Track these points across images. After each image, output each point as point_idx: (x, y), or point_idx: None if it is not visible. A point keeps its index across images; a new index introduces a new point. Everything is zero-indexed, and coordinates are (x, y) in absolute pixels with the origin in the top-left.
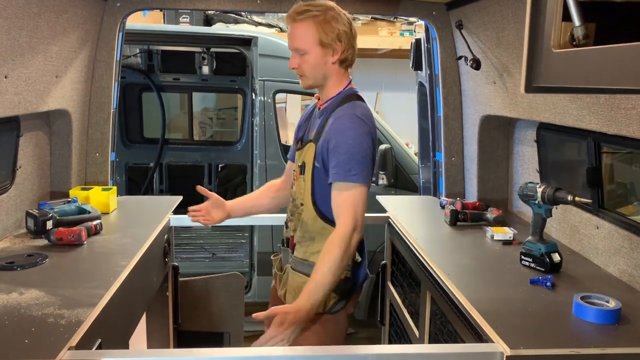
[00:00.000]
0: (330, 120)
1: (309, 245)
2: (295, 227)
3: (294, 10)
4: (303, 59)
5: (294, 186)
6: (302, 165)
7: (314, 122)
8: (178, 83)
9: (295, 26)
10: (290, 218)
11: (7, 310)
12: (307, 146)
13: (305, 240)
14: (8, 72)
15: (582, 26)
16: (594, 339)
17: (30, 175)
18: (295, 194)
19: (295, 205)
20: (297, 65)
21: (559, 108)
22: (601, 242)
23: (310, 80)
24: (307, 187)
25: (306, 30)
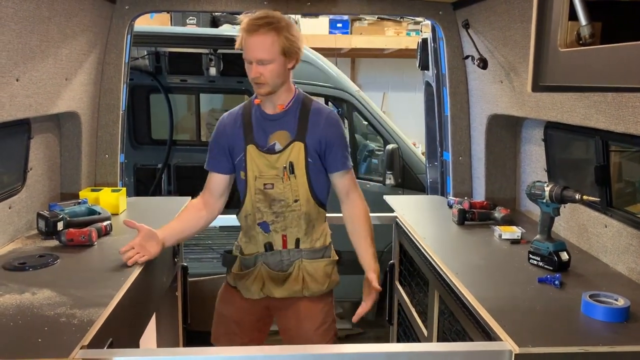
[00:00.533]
0: (313, 118)
1: (312, 233)
2: (286, 225)
3: (253, 23)
4: (266, 68)
5: (277, 187)
6: (290, 165)
7: (279, 124)
8: (185, 84)
9: (257, 38)
10: (274, 220)
11: (20, 310)
12: (291, 146)
13: (309, 231)
14: (19, 75)
15: (588, 25)
16: (603, 337)
17: (41, 177)
18: (284, 194)
19: (284, 204)
20: (260, 74)
21: (566, 107)
22: (609, 241)
23: (270, 87)
24: (301, 183)
25: (271, 40)
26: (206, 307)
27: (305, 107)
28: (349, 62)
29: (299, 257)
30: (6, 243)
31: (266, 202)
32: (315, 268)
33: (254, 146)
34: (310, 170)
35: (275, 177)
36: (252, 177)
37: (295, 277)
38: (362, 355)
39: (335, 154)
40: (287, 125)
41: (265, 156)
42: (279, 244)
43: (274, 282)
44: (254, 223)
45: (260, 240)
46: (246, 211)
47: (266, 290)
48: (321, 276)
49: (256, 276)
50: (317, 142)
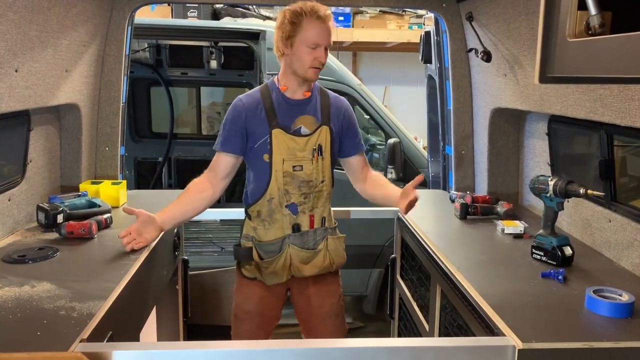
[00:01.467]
0: (334, 105)
1: (329, 211)
2: (313, 205)
3: (323, 11)
4: (327, 54)
5: (306, 169)
6: (319, 147)
7: (303, 109)
8: (186, 77)
9: (328, 25)
10: (302, 202)
11: (19, 303)
12: (319, 130)
13: (330, 210)
14: (18, 66)
15: (598, 15)
16: (607, 333)
17: (40, 170)
18: (314, 175)
19: (312, 185)
20: (325, 59)
21: (571, 100)
22: (613, 236)
23: (320, 72)
24: (327, 164)
25: (333, 27)
26: (207, 301)
27: (324, 94)
28: (351, 55)
29: (325, 235)
30: (6, 235)
31: (294, 183)
32: (337, 244)
33: (281, 130)
34: (333, 152)
35: (304, 159)
36: (279, 160)
37: (323, 255)
38: (365, 349)
39: (355, 138)
40: (311, 110)
41: (294, 139)
42: (306, 224)
43: (302, 261)
44: (280, 206)
45: (287, 222)
46: (271, 195)
47: (294, 270)
48: (341, 251)
49: (284, 258)
50: (340, 127)
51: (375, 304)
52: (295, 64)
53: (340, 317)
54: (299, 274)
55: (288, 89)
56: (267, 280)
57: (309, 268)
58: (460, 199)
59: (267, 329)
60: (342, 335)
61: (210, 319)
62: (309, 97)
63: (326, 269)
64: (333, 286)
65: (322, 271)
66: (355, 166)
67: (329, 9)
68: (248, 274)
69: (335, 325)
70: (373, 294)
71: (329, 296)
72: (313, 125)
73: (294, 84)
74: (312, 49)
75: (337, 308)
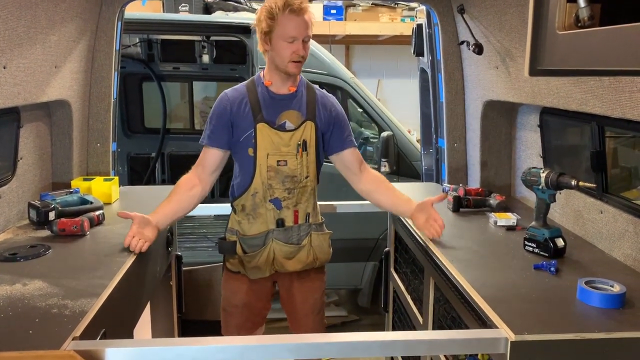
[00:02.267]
0: (321, 100)
1: (316, 207)
2: (297, 200)
3: (297, 3)
4: (306, 46)
5: (291, 164)
6: (303, 142)
7: (288, 104)
8: (178, 72)
9: (304, 16)
10: (286, 197)
11: (11, 302)
12: (304, 125)
13: (315, 206)
14: (7, 62)
15: (587, 7)
16: (599, 324)
17: (31, 167)
18: (298, 170)
19: (296, 180)
20: (304, 52)
21: (563, 92)
22: (605, 227)
23: (302, 65)
24: (311, 160)
25: (310, 19)
26: (201, 296)
27: (311, 89)
28: (343, 48)
29: (309, 231)
30: None
31: (278, 178)
32: (321, 240)
33: (266, 124)
34: (318, 148)
35: (288, 154)
36: (264, 155)
37: (307, 250)
38: (358, 343)
39: (345, 133)
40: (297, 105)
41: (278, 133)
42: (290, 219)
43: (285, 256)
44: (264, 200)
45: (270, 217)
46: (255, 189)
47: (277, 265)
48: (326, 248)
49: (267, 253)
50: (326, 123)
51: (370, 297)
52: (276, 60)
53: (321, 313)
54: (282, 269)
55: (273, 83)
56: (251, 274)
57: (293, 263)
58: (453, 192)
59: (256, 321)
60: (322, 331)
61: (205, 314)
62: (294, 92)
63: (310, 265)
64: (317, 282)
65: (305, 267)
66: (346, 162)
67: (305, 2)
68: (232, 268)
69: (316, 322)
70: (368, 287)
71: (312, 292)
72: (298, 120)
73: (278, 79)
74: (289, 42)
75: (320, 304)
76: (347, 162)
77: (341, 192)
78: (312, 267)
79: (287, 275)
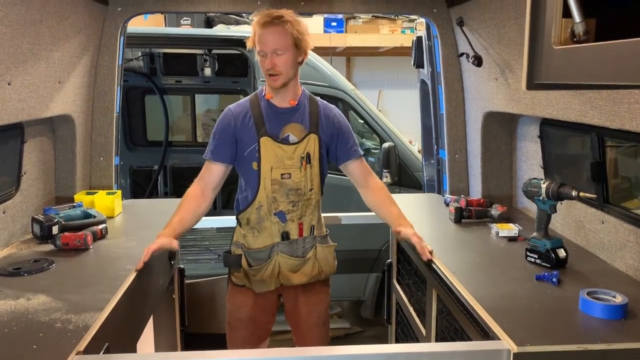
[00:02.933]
0: (324, 113)
1: (321, 220)
2: (302, 213)
3: (266, 17)
4: (280, 59)
5: (295, 177)
6: (307, 155)
7: (291, 117)
8: (180, 85)
9: (272, 29)
10: (290, 210)
11: (15, 316)
12: (308, 138)
13: (320, 218)
14: (11, 79)
15: (582, 22)
16: (601, 335)
17: (35, 181)
18: (302, 183)
19: (300, 193)
20: (275, 65)
21: (562, 104)
22: (607, 237)
23: (284, 78)
24: (315, 172)
25: (284, 32)
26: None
27: (313, 102)
28: (344, 60)
29: (314, 244)
30: (1, 248)
31: (283, 191)
32: (326, 253)
33: (269, 138)
34: (322, 160)
35: (292, 167)
36: (268, 168)
37: (312, 263)
38: (361, 356)
39: (350, 144)
40: (299, 118)
41: (282, 147)
42: (295, 232)
43: (291, 269)
44: (269, 214)
45: (275, 230)
46: (259, 202)
47: (283, 278)
48: (331, 260)
49: (273, 266)
50: (330, 135)
51: (373, 308)
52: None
53: (326, 325)
54: (287, 282)
55: (273, 97)
56: (256, 287)
57: (298, 276)
58: (455, 203)
59: (261, 335)
60: (326, 343)
61: (207, 327)
62: (296, 105)
63: (315, 278)
64: (321, 295)
65: (311, 280)
66: (353, 172)
67: (277, 14)
68: (237, 281)
69: (320, 334)
70: (370, 299)
71: (317, 305)
72: (301, 133)
73: (275, 92)
74: (262, 57)
75: (324, 317)
76: (353, 173)
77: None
78: (317, 279)
79: (293, 289)
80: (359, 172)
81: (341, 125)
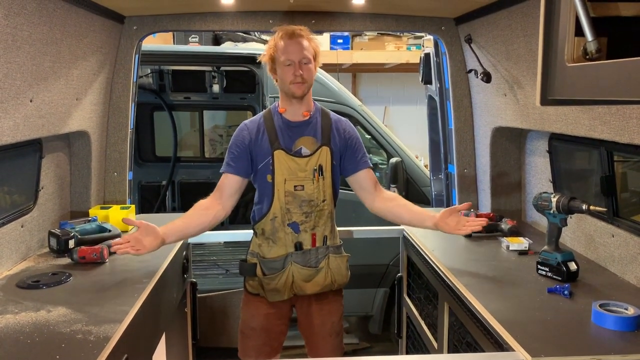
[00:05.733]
0: (335, 125)
1: (334, 231)
2: (314, 224)
3: (292, 30)
4: (305, 68)
5: (307, 188)
6: (319, 167)
7: (303, 130)
8: (189, 102)
9: (298, 40)
10: (304, 220)
11: (36, 328)
12: (320, 150)
13: (333, 229)
14: (33, 96)
15: (594, 41)
16: (614, 346)
17: (51, 196)
18: (315, 194)
19: (313, 204)
20: (301, 72)
21: (571, 118)
22: (617, 250)
23: (306, 87)
24: (327, 184)
25: (308, 44)
26: (215, 323)
27: (326, 115)
28: (350, 77)
29: (327, 254)
30: (19, 261)
31: (296, 203)
32: (339, 263)
33: (282, 151)
34: (334, 172)
35: (305, 179)
36: (281, 180)
37: (325, 273)
38: None
39: (360, 155)
40: (312, 131)
41: (295, 159)
42: (308, 242)
43: (304, 279)
44: (283, 224)
45: (289, 241)
46: (274, 214)
47: (296, 288)
48: (344, 270)
49: (287, 276)
50: (341, 147)
51: (381, 323)
52: (281, 85)
53: (340, 335)
54: (301, 292)
55: (287, 111)
56: (269, 297)
57: (311, 286)
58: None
59: (273, 345)
60: (340, 354)
61: (218, 341)
62: (309, 119)
63: (328, 287)
64: (335, 305)
65: (323, 289)
66: (361, 183)
67: (301, 29)
68: (252, 290)
69: (334, 344)
70: (379, 314)
71: (330, 315)
72: (313, 145)
73: (290, 106)
74: (287, 66)
75: (338, 327)
76: (362, 183)
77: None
78: (330, 289)
79: (306, 298)
80: (370, 180)
81: (352, 136)
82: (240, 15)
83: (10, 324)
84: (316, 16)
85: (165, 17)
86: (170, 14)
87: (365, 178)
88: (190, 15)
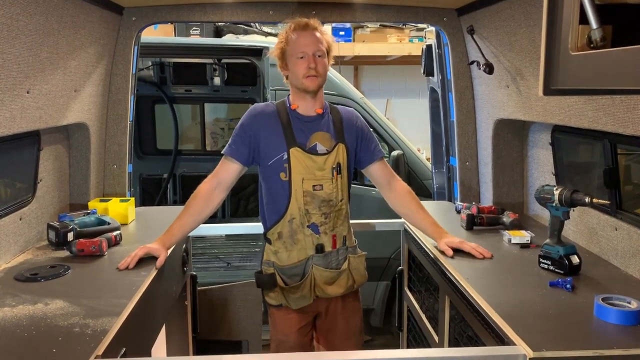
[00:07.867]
0: (345, 119)
1: (350, 230)
2: (334, 225)
3: (305, 23)
4: (319, 61)
5: (327, 188)
6: (338, 165)
7: (316, 126)
8: (190, 94)
9: (312, 33)
10: (323, 222)
11: (34, 321)
12: (336, 148)
13: (350, 229)
14: (30, 87)
15: (599, 29)
16: (617, 340)
17: (50, 188)
18: (334, 194)
19: (332, 204)
20: (315, 65)
21: (574, 110)
22: (620, 244)
23: (321, 80)
24: (344, 182)
25: (322, 37)
26: (215, 316)
27: (334, 110)
28: (352, 69)
29: (346, 254)
30: (17, 254)
31: (315, 203)
32: (358, 263)
33: (298, 148)
34: (349, 169)
35: (323, 178)
36: (299, 180)
37: (347, 274)
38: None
39: (372, 145)
40: (325, 127)
41: (311, 157)
42: (329, 244)
43: (326, 282)
44: (302, 226)
45: (309, 243)
46: (291, 215)
47: (319, 291)
48: (362, 270)
49: (310, 280)
50: (354, 140)
51: (382, 317)
52: (293, 79)
53: (362, 334)
54: (323, 294)
55: (299, 106)
56: (295, 304)
57: (333, 288)
58: (466, 210)
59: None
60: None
61: (219, 334)
62: (321, 114)
63: (349, 289)
64: (356, 304)
65: (346, 291)
66: (376, 174)
67: (313, 20)
68: (273, 302)
69: (357, 342)
70: (380, 307)
71: (353, 315)
72: (328, 142)
73: (302, 101)
74: (300, 58)
75: (360, 325)
76: (376, 174)
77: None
78: (351, 290)
79: (326, 301)
80: (382, 174)
81: (362, 127)
82: (240, 6)
83: (7, 317)
84: (317, 7)
85: (164, 8)
86: (169, 5)
87: (379, 169)
88: (189, 7)
